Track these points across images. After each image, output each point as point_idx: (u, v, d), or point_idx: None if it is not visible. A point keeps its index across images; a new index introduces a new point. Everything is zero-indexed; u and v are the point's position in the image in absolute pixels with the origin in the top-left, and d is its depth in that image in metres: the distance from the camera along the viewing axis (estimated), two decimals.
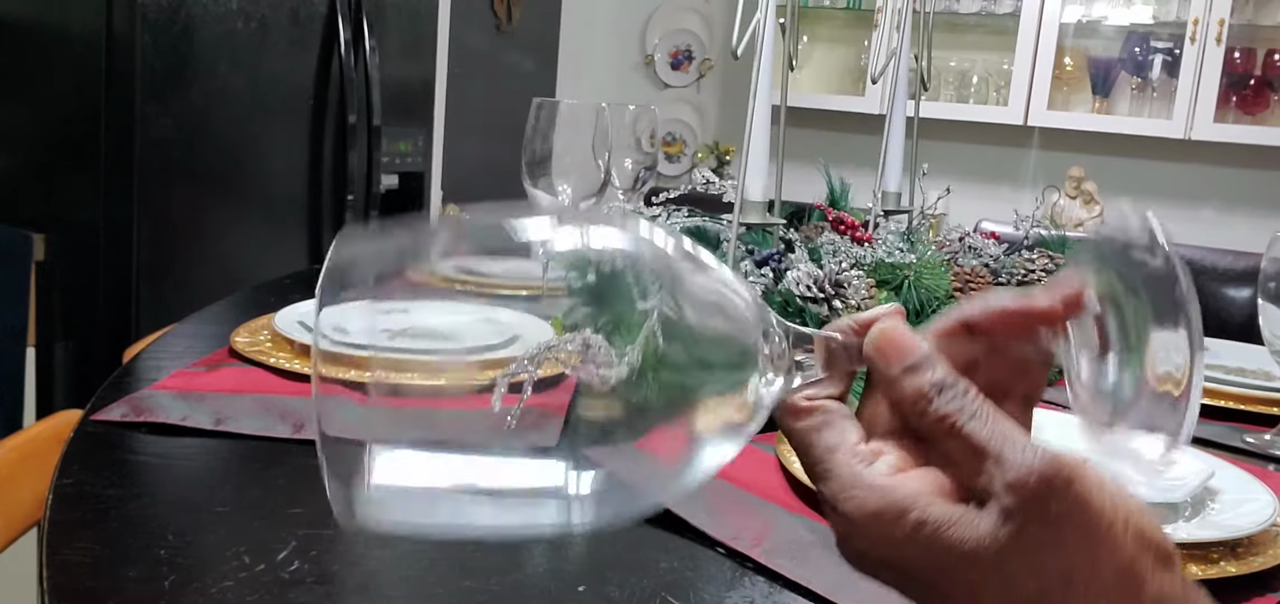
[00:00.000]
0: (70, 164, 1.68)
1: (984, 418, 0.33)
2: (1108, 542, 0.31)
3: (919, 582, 0.33)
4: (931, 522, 0.32)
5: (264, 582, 0.49)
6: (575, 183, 1.04)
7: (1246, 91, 2.97)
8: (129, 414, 0.70)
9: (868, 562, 0.34)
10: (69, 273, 1.68)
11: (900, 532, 0.33)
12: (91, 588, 0.48)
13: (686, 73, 3.75)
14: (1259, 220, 3.06)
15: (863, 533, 0.33)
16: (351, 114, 2.06)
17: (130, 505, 0.58)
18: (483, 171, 2.86)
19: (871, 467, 0.34)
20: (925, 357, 0.35)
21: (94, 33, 1.61)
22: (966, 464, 0.33)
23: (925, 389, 0.34)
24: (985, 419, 0.33)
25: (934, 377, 0.34)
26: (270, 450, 0.67)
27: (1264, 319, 0.92)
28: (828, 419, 0.36)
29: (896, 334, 0.36)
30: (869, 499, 0.33)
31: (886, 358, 0.35)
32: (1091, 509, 0.31)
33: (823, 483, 0.35)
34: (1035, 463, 0.31)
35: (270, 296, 1.12)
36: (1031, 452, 0.32)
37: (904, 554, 0.33)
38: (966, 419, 0.33)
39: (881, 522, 0.33)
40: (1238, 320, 2.57)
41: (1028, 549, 0.31)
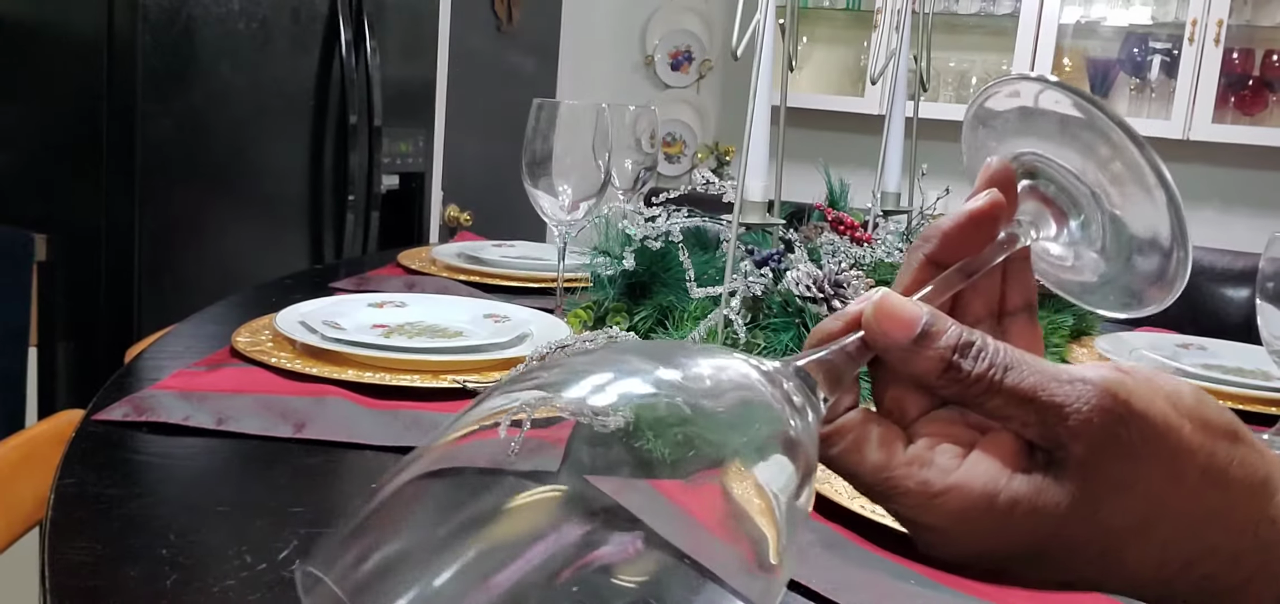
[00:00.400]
0: (72, 164, 1.68)
1: (1018, 365, 0.32)
2: (1182, 449, 0.31)
3: (1020, 558, 0.32)
4: (1021, 499, 0.31)
5: (266, 581, 0.49)
6: (575, 183, 1.05)
7: (1245, 92, 2.98)
8: (130, 414, 0.70)
9: (967, 558, 0.33)
10: (70, 273, 1.68)
11: (992, 520, 0.32)
12: (93, 587, 0.48)
13: (686, 73, 3.75)
14: (1257, 220, 3.06)
15: (953, 537, 0.32)
16: (352, 114, 2.07)
17: (132, 505, 0.58)
18: (483, 172, 2.87)
19: (933, 467, 0.33)
20: (933, 319, 0.33)
21: (95, 33, 1.61)
22: (1016, 417, 0.32)
23: (947, 355, 0.32)
24: (1020, 367, 0.32)
25: (950, 337, 0.33)
26: (272, 450, 0.68)
27: (1262, 319, 0.92)
28: (857, 436, 0.34)
29: (894, 306, 0.34)
30: (949, 502, 0.32)
31: (891, 334, 0.33)
32: (1156, 423, 0.31)
33: (890, 503, 0.33)
34: (1092, 398, 0.30)
35: (271, 296, 1.12)
36: (1082, 389, 0.31)
37: (1000, 540, 0.32)
38: (1002, 373, 0.32)
39: (969, 520, 0.32)
40: (1236, 320, 2.58)
41: (1114, 489, 0.31)
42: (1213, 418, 0.32)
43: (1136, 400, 0.31)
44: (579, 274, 1.14)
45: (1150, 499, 0.31)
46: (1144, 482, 0.31)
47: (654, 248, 1.02)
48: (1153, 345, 1.19)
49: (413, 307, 1.05)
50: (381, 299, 1.06)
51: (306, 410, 0.73)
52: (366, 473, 0.66)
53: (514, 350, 0.92)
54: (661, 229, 1.02)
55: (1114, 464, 0.31)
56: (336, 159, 2.08)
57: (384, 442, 0.70)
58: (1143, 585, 0.33)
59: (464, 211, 2.77)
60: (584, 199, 1.06)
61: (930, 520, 0.32)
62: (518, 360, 0.76)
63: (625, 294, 1.04)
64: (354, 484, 0.65)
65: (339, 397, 0.76)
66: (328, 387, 0.79)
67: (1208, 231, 3.07)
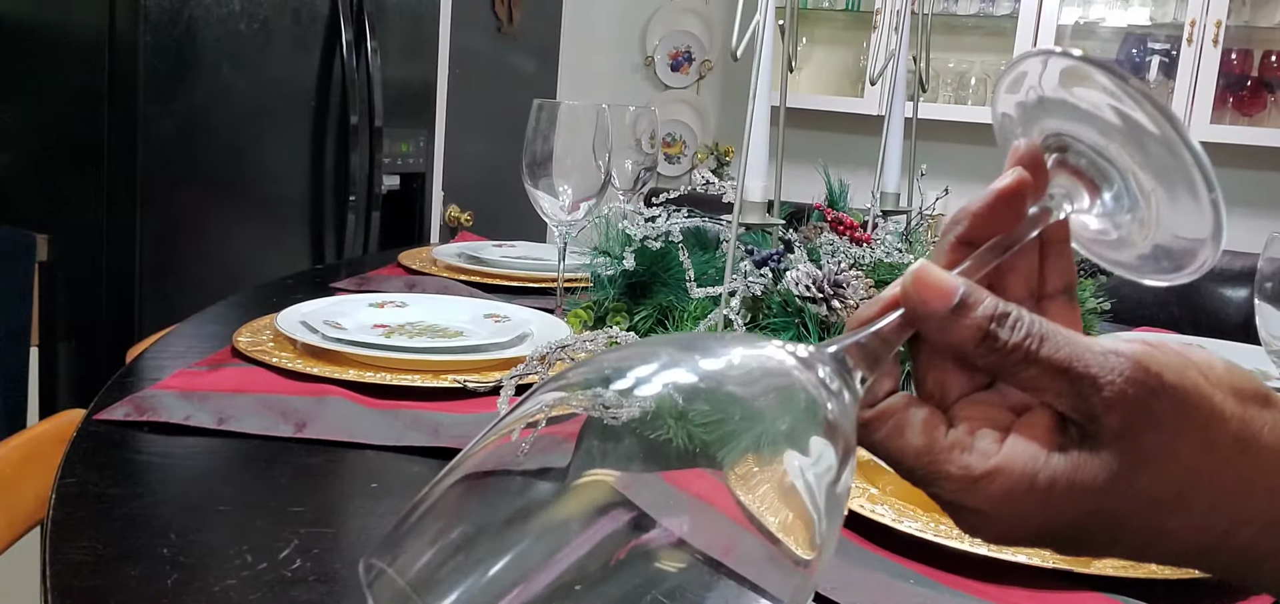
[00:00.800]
0: (73, 164, 1.68)
1: (1053, 337, 0.32)
2: (1214, 417, 0.31)
3: (1064, 534, 0.33)
4: (1060, 476, 0.32)
5: (266, 580, 0.50)
6: (576, 183, 1.05)
7: (1243, 93, 2.98)
8: (132, 414, 0.70)
9: (1011, 539, 0.34)
10: (72, 273, 1.68)
11: (1033, 500, 0.32)
12: (94, 587, 0.49)
13: (686, 74, 3.75)
14: (1255, 221, 3.06)
15: (997, 518, 0.33)
16: (353, 115, 2.07)
17: (133, 504, 0.58)
18: (484, 172, 2.87)
19: (974, 452, 0.33)
20: (970, 289, 0.33)
21: (97, 33, 1.62)
22: (1050, 389, 0.32)
23: (984, 324, 0.33)
24: (1055, 338, 0.32)
25: (986, 307, 0.33)
26: (273, 449, 0.68)
27: (1260, 319, 0.93)
28: (899, 420, 0.35)
29: (933, 276, 0.34)
30: (991, 486, 0.32)
31: (930, 303, 0.33)
32: (1188, 393, 0.31)
33: (933, 487, 0.34)
34: (1125, 369, 0.31)
35: (273, 296, 1.13)
36: (1115, 361, 0.31)
37: (1044, 519, 0.32)
38: (1038, 343, 0.32)
39: (1012, 499, 0.32)
40: (1234, 320, 2.58)
41: (1150, 460, 0.31)
42: (1244, 385, 0.32)
43: (1169, 372, 0.31)
44: (579, 274, 1.14)
45: (1186, 468, 0.31)
46: (1179, 451, 0.31)
47: (654, 248, 1.02)
48: None
49: (413, 307, 1.05)
50: (382, 299, 1.06)
51: (307, 410, 0.73)
52: (367, 473, 0.66)
53: (514, 350, 0.92)
54: (661, 229, 1.02)
55: (1149, 434, 0.31)
56: (337, 159, 2.09)
57: (385, 441, 0.70)
58: (1185, 554, 0.33)
59: (464, 212, 2.78)
60: (584, 199, 1.06)
61: (974, 504, 0.33)
62: (518, 360, 0.77)
63: (625, 294, 1.04)
64: (355, 484, 0.66)
65: (340, 396, 0.76)
66: (329, 386, 0.79)
67: None
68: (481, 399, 0.79)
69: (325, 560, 0.53)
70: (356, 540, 0.57)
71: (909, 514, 0.61)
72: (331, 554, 0.54)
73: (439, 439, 0.71)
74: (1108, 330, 1.31)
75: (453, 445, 0.70)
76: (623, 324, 0.99)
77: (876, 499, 0.63)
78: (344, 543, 0.56)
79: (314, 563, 0.52)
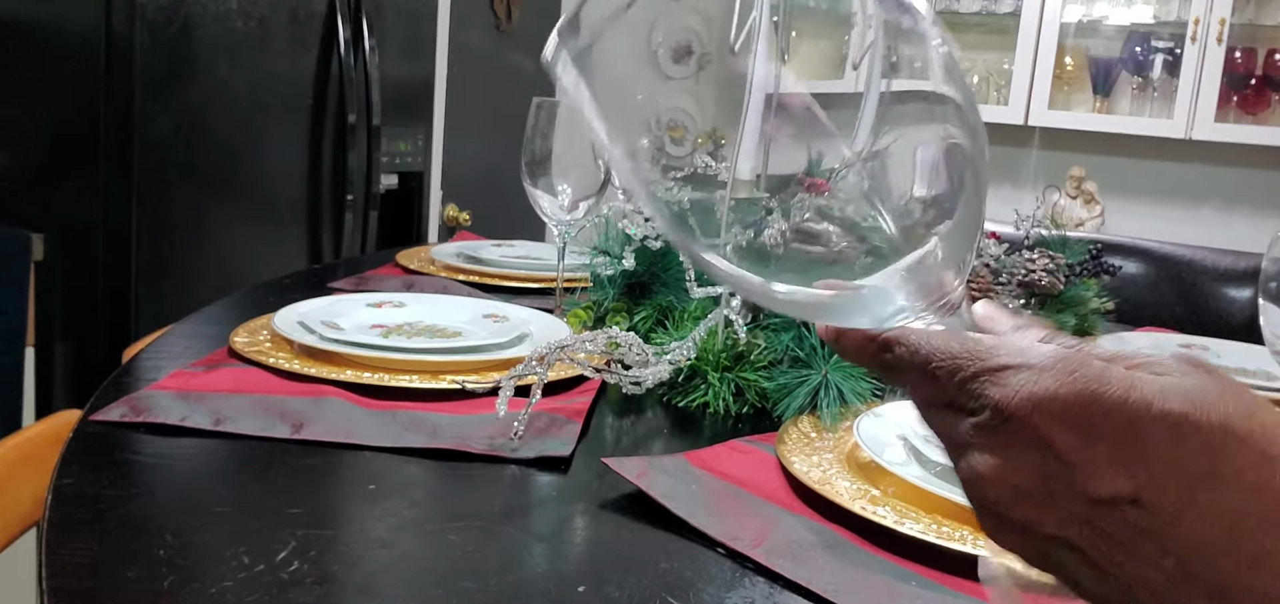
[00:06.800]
0: (69, 164, 1.67)
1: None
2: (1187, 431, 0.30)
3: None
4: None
5: (263, 582, 0.49)
6: (575, 182, 1.04)
7: (1247, 91, 2.97)
8: (128, 414, 0.70)
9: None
10: (68, 273, 1.67)
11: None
12: (91, 588, 0.48)
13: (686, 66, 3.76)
14: (1260, 220, 3.05)
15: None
16: (351, 113, 2.06)
17: (129, 506, 0.58)
18: (482, 171, 2.86)
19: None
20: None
21: (93, 32, 1.61)
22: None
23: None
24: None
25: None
26: (269, 450, 0.67)
27: (1265, 319, 0.92)
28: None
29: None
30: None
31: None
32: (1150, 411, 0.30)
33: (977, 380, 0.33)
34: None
35: (269, 296, 1.12)
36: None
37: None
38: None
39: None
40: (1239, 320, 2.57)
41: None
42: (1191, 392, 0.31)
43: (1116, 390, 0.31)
44: (579, 274, 1.14)
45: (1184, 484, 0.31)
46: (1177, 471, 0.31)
47: (654, 248, 1.02)
48: (1156, 346, 1.19)
49: (411, 306, 1.04)
50: (380, 299, 1.05)
51: (305, 411, 0.73)
52: (365, 474, 0.66)
53: (513, 351, 0.92)
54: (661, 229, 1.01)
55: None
56: (335, 158, 2.08)
57: (383, 442, 0.69)
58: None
59: (463, 211, 2.77)
60: (583, 198, 1.05)
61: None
62: (516, 361, 0.76)
63: (625, 294, 1.03)
64: (352, 485, 0.65)
65: (337, 397, 0.76)
66: (326, 387, 0.79)
67: (1210, 231, 3.07)
68: (480, 400, 0.79)
69: (323, 562, 0.52)
70: (354, 542, 0.56)
71: (911, 516, 0.60)
72: (329, 556, 0.53)
73: (437, 440, 0.70)
74: (1112, 331, 1.31)
75: (451, 446, 0.69)
76: (623, 324, 0.98)
77: (878, 501, 0.63)
78: (341, 544, 0.55)
79: (311, 564, 0.51)
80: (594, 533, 0.61)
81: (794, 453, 0.71)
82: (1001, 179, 3.36)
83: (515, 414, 0.72)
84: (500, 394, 0.71)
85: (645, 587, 0.53)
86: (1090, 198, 3.21)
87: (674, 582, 0.54)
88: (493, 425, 0.73)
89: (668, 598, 0.52)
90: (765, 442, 0.75)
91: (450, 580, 0.52)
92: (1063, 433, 0.31)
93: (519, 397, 0.73)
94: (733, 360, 0.86)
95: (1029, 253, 1.21)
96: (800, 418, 0.80)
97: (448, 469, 0.67)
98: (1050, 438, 0.31)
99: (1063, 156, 3.26)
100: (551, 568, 0.56)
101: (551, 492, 0.66)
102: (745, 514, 0.62)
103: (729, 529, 0.59)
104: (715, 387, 0.84)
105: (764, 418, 0.83)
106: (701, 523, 0.59)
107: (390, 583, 0.51)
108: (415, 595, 0.50)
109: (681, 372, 0.86)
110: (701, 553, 0.57)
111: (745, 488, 0.66)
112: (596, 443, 0.76)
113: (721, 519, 0.60)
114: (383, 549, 0.55)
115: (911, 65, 0.36)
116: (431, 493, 0.65)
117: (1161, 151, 3.14)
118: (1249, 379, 1.05)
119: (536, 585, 0.53)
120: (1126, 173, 3.21)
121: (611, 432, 0.80)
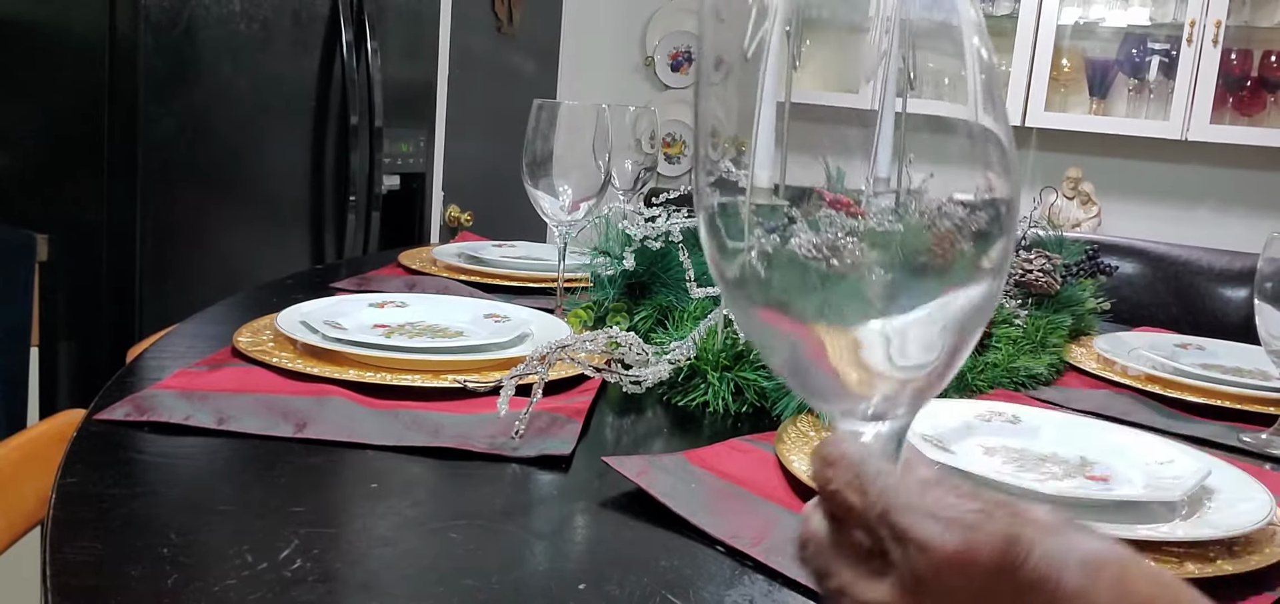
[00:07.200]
0: (73, 164, 1.68)
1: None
2: None
3: None
4: None
5: (266, 580, 0.50)
6: (575, 183, 1.05)
7: (1243, 93, 2.98)
8: (132, 414, 0.70)
9: None
10: (72, 273, 1.68)
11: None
12: (95, 586, 0.49)
13: (686, 74, 3.75)
14: (1255, 220, 3.06)
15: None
16: (353, 115, 2.07)
17: (133, 504, 0.58)
18: (484, 172, 2.87)
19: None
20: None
21: (97, 33, 1.62)
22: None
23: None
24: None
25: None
26: (272, 450, 0.68)
27: (1260, 319, 0.93)
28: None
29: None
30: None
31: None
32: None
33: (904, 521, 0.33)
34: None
35: (272, 296, 1.13)
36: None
37: None
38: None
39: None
40: (1234, 320, 2.58)
41: None
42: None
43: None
44: (579, 274, 1.14)
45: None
46: None
47: (654, 248, 1.02)
48: (1151, 345, 1.20)
49: (413, 307, 1.05)
50: (382, 299, 1.06)
51: (307, 410, 0.73)
52: (367, 473, 0.66)
53: (514, 350, 0.92)
54: (661, 229, 1.02)
55: None
56: (337, 159, 2.09)
57: (385, 441, 0.70)
58: None
59: (464, 212, 2.78)
60: (584, 199, 1.06)
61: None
62: (518, 360, 0.77)
63: (625, 294, 1.04)
64: (355, 484, 0.66)
65: (340, 396, 0.76)
66: (329, 386, 0.79)
67: (1206, 232, 3.07)
68: (481, 399, 0.79)
69: (325, 560, 0.53)
70: (356, 540, 0.57)
71: None
72: (331, 554, 0.54)
73: (439, 439, 0.71)
74: (1108, 330, 1.31)
75: (453, 445, 0.70)
76: (623, 324, 0.99)
77: None
78: (344, 543, 0.56)
79: (314, 563, 0.52)
80: (594, 531, 0.62)
81: (793, 452, 0.71)
82: None
83: (516, 413, 0.72)
84: (501, 393, 0.72)
85: (645, 585, 0.53)
86: (1087, 199, 3.21)
87: (674, 580, 0.54)
88: (494, 424, 0.73)
89: (668, 596, 0.52)
90: (765, 441, 0.75)
91: (452, 578, 0.52)
92: (988, 596, 0.31)
93: (520, 396, 0.73)
94: (732, 360, 0.86)
95: (1026, 253, 1.21)
96: (799, 417, 0.80)
97: (449, 468, 0.68)
98: (969, 599, 0.31)
99: (1059, 158, 3.27)
100: (552, 566, 0.56)
101: (552, 490, 0.66)
102: (745, 513, 0.62)
103: (729, 528, 0.60)
104: (715, 386, 0.85)
105: (763, 417, 0.84)
106: (701, 521, 0.60)
107: (392, 581, 0.52)
108: (417, 593, 0.51)
109: (681, 371, 0.86)
110: (701, 551, 0.58)
111: (745, 487, 0.67)
112: (597, 442, 0.76)
113: (721, 518, 0.61)
114: (385, 547, 0.55)
115: (939, 82, 0.35)
116: (433, 492, 0.65)
117: (1158, 153, 3.15)
118: (1246, 379, 1.05)
119: (537, 583, 0.54)
120: (1123, 174, 3.22)
121: (612, 431, 0.81)
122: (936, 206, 0.33)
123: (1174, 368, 1.08)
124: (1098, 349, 1.16)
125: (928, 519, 0.32)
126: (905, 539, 0.32)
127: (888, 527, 0.33)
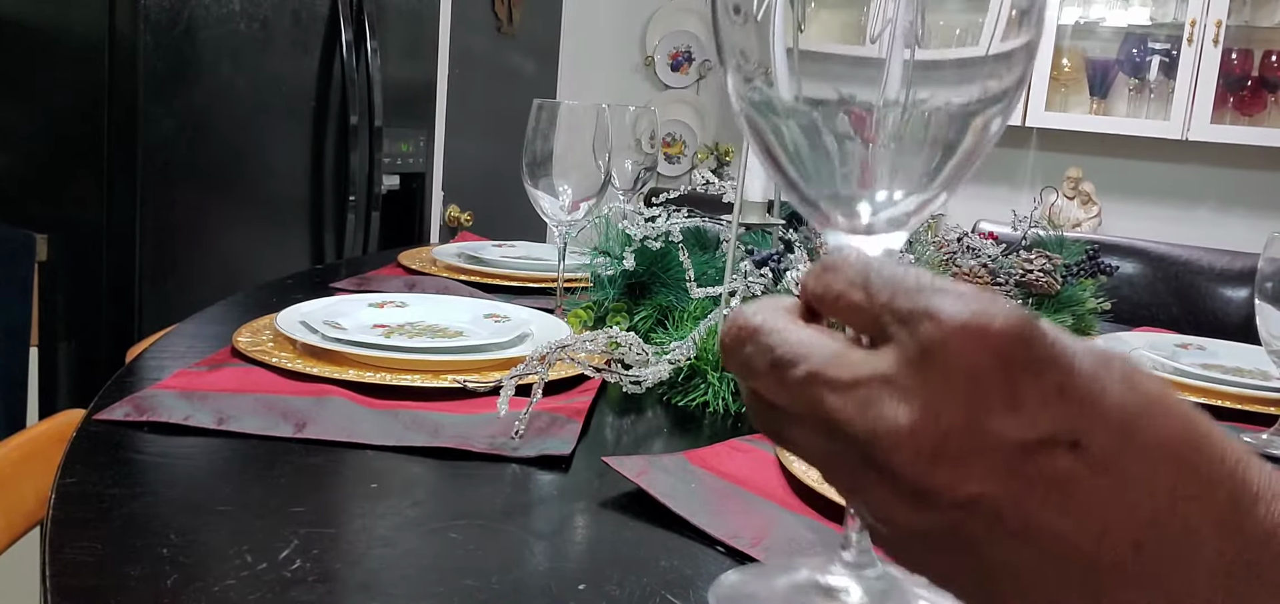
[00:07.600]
0: (73, 164, 1.68)
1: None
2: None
3: None
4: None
5: (266, 580, 0.50)
6: (575, 183, 1.05)
7: (1243, 92, 2.98)
8: (131, 414, 0.70)
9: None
10: (72, 273, 1.68)
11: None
12: (94, 586, 0.49)
13: (686, 74, 3.75)
14: (1255, 220, 3.06)
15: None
16: (353, 115, 2.07)
17: (133, 504, 0.58)
18: (483, 172, 2.87)
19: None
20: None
21: (97, 33, 1.62)
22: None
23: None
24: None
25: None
26: (272, 450, 0.68)
27: (1261, 319, 0.93)
28: None
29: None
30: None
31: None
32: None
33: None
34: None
35: (272, 296, 1.13)
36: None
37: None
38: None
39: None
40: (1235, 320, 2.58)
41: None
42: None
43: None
44: (579, 274, 1.14)
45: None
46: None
47: (654, 248, 1.02)
48: (1152, 345, 1.20)
49: (413, 306, 1.05)
50: (382, 299, 1.06)
51: (307, 410, 0.73)
52: (367, 473, 0.66)
53: (514, 350, 0.92)
54: (661, 229, 1.02)
55: None
56: (337, 159, 2.09)
57: (385, 441, 0.70)
58: None
59: (464, 212, 2.78)
60: (584, 199, 1.06)
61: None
62: (518, 360, 0.77)
63: (625, 294, 1.04)
64: (355, 484, 0.66)
65: (340, 396, 0.76)
66: (328, 386, 0.79)
67: (1206, 232, 3.08)
68: (481, 399, 0.79)
69: (325, 561, 0.53)
70: (356, 540, 0.57)
71: None
72: (331, 554, 0.54)
73: (439, 439, 0.71)
74: (1108, 331, 1.31)
75: (453, 445, 0.70)
76: (623, 324, 0.99)
77: None
78: (344, 543, 0.56)
79: (314, 563, 0.52)
80: (594, 531, 0.62)
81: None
82: (999, 180, 3.37)
83: (516, 413, 0.72)
84: (501, 393, 0.72)
85: (645, 585, 0.53)
86: (1087, 198, 3.21)
87: (674, 580, 0.54)
88: (494, 424, 0.73)
89: (668, 596, 0.52)
90: (765, 440, 0.75)
91: (452, 578, 0.52)
92: (1002, 366, 0.28)
93: (520, 396, 0.73)
94: None
95: (1026, 253, 1.21)
96: None
97: (449, 468, 0.68)
98: (982, 368, 0.28)
99: (1060, 157, 3.27)
100: (552, 566, 0.56)
101: (552, 490, 0.66)
102: (745, 513, 0.62)
103: (729, 528, 0.59)
104: (715, 386, 0.85)
105: None
106: (701, 522, 0.60)
107: (392, 581, 0.52)
108: (417, 593, 0.51)
109: (681, 371, 0.86)
110: (701, 551, 0.58)
111: (745, 487, 0.67)
112: (597, 442, 0.76)
113: (721, 518, 0.61)
114: (385, 548, 0.55)
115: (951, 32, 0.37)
116: (433, 492, 0.65)
117: (1158, 152, 3.15)
118: (1246, 379, 1.05)
119: (537, 583, 0.53)
120: (1123, 174, 3.22)
121: (612, 431, 0.80)
122: None
123: (1174, 368, 1.08)
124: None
125: (939, 294, 0.29)
126: (912, 316, 0.29)
127: (892, 312, 0.29)
